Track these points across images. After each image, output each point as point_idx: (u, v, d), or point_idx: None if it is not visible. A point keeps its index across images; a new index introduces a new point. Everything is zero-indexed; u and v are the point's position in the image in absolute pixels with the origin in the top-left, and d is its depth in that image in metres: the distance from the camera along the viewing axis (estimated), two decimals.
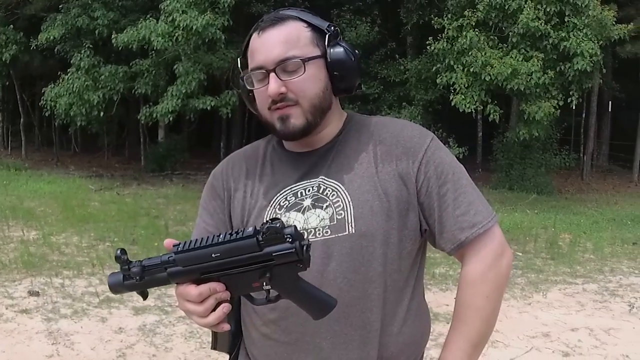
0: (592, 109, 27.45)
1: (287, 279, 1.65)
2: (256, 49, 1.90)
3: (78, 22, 20.79)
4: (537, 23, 17.22)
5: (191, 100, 19.28)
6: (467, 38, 17.60)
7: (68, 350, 6.12)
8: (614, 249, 11.82)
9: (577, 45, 17.15)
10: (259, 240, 1.59)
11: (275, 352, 1.95)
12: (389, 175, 1.91)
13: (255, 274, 1.64)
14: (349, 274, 1.84)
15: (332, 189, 1.92)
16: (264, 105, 1.92)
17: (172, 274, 1.70)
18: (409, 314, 1.96)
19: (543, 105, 17.32)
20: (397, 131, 1.98)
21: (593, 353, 6.47)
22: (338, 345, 1.87)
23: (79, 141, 29.87)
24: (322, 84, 1.92)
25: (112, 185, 19.71)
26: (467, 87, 17.71)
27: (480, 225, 1.89)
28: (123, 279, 1.78)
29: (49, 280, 8.38)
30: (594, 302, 8.32)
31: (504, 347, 6.52)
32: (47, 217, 13.22)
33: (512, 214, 15.50)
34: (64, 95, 19.93)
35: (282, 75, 1.86)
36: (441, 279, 9.00)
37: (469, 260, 1.93)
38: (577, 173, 26.46)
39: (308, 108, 1.89)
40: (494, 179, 21.91)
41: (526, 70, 16.93)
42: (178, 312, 7.16)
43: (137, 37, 18.50)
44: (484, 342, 1.96)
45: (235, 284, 1.67)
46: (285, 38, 1.88)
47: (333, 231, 1.85)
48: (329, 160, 1.97)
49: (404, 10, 22.51)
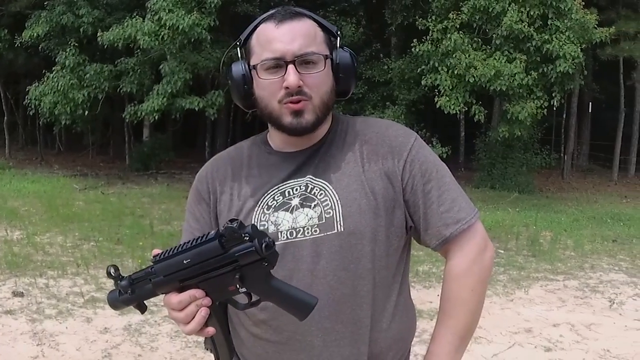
0: (573, 109, 27.72)
1: (259, 280, 1.67)
2: (274, 39, 1.87)
3: (63, 19, 20.49)
4: (520, 25, 17.29)
5: (177, 99, 19.11)
6: (452, 40, 17.65)
7: (53, 351, 6.05)
8: (594, 247, 11.91)
9: (559, 48, 17.29)
10: (222, 242, 1.61)
11: (266, 351, 1.96)
12: (376, 174, 1.93)
13: (227, 277, 1.66)
14: (339, 272, 1.86)
15: (320, 188, 1.93)
16: (273, 96, 1.90)
17: (156, 285, 1.74)
18: (397, 310, 1.99)
19: (527, 105, 17.40)
20: (382, 131, 2.01)
21: (574, 348, 6.54)
22: (329, 342, 1.89)
23: (63, 140, 29.54)
24: (331, 84, 1.94)
25: (96, 185, 19.45)
26: (452, 88, 17.74)
27: (464, 221, 1.94)
28: (119, 294, 1.83)
29: (34, 281, 8.27)
30: (575, 298, 8.41)
31: (487, 343, 6.57)
32: (31, 217, 13.06)
33: (494, 213, 15.62)
34: (49, 93, 19.63)
35: (300, 68, 1.86)
36: (425, 277, 9.03)
37: (453, 256, 1.97)
38: (558, 172, 26.69)
39: (319, 104, 1.91)
40: (477, 178, 22.05)
41: (509, 71, 16.99)
42: (163, 312, 7.03)
43: (123, 35, 18.32)
44: (470, 334, 2.01)
45: (214, 289, 1.70)
46: (306, 32, 1.89)
47: (322, 230, 1.87)
48: (317, 160, 1.98)
49: (388, 12, 22.57)
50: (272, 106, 1.91)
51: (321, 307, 1.83)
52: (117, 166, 25.32)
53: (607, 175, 27.86)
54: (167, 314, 6.34)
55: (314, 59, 1.88)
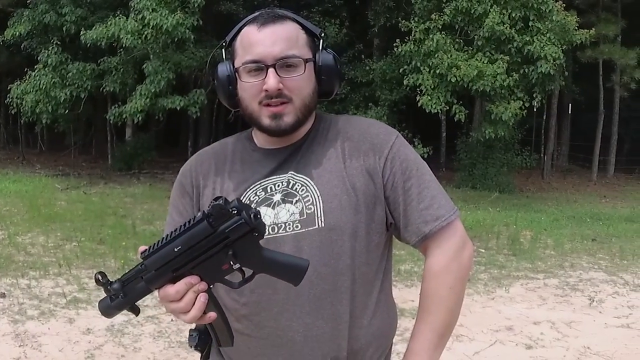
0: (553, 111, 27.94)
1: (251, 252, 1.68)
2: (256, 42, 1.90)
3: (45, 18, 20.34)
4: (502, 27, 17.38)
5: (160, 99, 18.99)
6: (434, 40, 17.72)
7: (35, 352, 5.97)
8: (573, 245, 12.01)
9: (540, 49, 17.43)
10: (210, 222, 1.62)
11: (248, 347, 1.97)
12: (357, 170, 1.94)
13: (220, 256, 1.67)
14: (320, 267, 1.86)
15: (302, 184, 1.94)
16: (253, 98, 1.92)
17: (148, 281, 1.72)
18: (378, 307, 2.00)
19: (510, 105, 17.49)
20: (364, 128, 2.03)
21: (555, 345, 6.60)
22: (310, 337, 1.89)
23: (45, 139, 29.28)
24: (312, 86, 1.96)
25: (79, 184, 19.21)
26: (433, 88, 17.79)
27: (443, 219, 1.95)
28: (110, 300, 1.80)
29: (15, 281, 8.16)
30: (555, 296, 8.48)
31: (469, 341, 6.61)
32: (12, 217, 12.89)
33: (475, 212, 15.72)
34: (31, 92, 19.52)
35: (280, 71, 1.88)
36: (406, 276, 9.05)
37: (432, 253, 1.98)
38: (538, 172, 26.81)
39: (300, 106, 1.92)
40: (457, 178, 22.12)
41: (491, 72, 17.07)
42: (146, 312, 7.04)
43: (106, 34, 18.22)
44: (449, 331, 2.01)
45: (208, 272, 1.70)
46: (287, 36, 1.91)
47: (303, 225, 1.88)
48: (298, 156, 2.00)
49: (371, 13, 22.61)
50: (252, 107, 1.94)
51: (302, 303, 1.87)
52: (100, 166, 25.11)
53: (587, 175, 28.04)
54: (159, 312, 6.31)
55: (294, 62, 1.90)
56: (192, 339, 2.08)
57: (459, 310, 2.03)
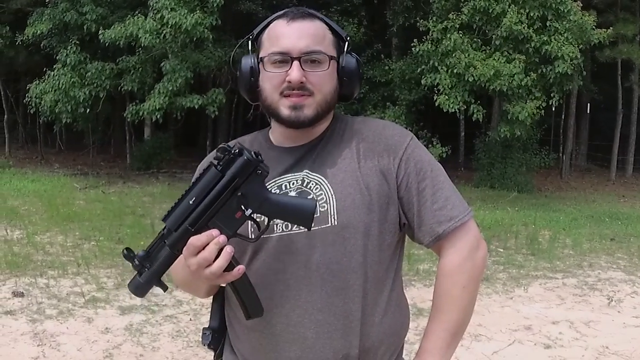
0: (571, 110, 27.81)
1: (258, 193, 1.75)
2: (283, 35, 1.93)
3: (66, 17, 20.26)
4: (520, 27, 17.32)
5: (178, 98, 18.97)
6: (451, 40, 17.69)
7: (54, 351, 5.98)
8: (592, 245, 11.97)
9: (558, 49, 17.34)
10: (217, 167, 1.73)
11: (260, 343, 1.98)
12: (371, 171, 1.96)
13: (232, 203, 1.74)
14: (332, 265, 1.89)
15: (316, 182, 1.95)
16: (275, 89, 1.95)
17: (171, 243, 1.76)
18: (390, 305, 2.01)
19: (527, 105, 17.43)
20: (379, 129, 2.05)
21: (574, 345, 6.59)
22: (322, 334, 1.91)
23: (64, 139, 29.21)
24: (334, 84, 1.99)
25: (97, 184, 19.26)
26: (451, 87, 17.74)
27: (457, 219, 1.97)
28: (139, 276, 1.81)
29: (34, 281, 8.16)
30: (574, 295, 8.47)
31: (487, 341, 6.62)
32: (31, 216, 12.90)
33: (494, 212, 15.68)
34: (50, 91, 19.44)
35: (305, 65, 1.91)
36: (425, 275, 8.98)
37: (446, 253, 2.00)
38: (557, 172, 26.76)
39: (320, 101, 1.95)
40: (476, 178, 22.10)
41: (508, 71, 17.01)
42: (165, 311, 7.12)
43: (125, 33, 18.19)
44: (462, 331, 2.03)
45: (224, 222, 1.74)
46: (314, 32, 1.95)
47: (316, 223, 1.87)
48: (314, 155, 2.01)
49: (390, 13, 22.60)
50: (273, 98, 1.96)
51: (314, 299, 1.89)
52: (118, 165, 25.11)
53: (605, 175, 27.94)
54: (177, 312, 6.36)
55: (319, 58, 1.94)
56: (206, 337, 2.11)
57: (472, 309, 2.05)
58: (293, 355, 1.94)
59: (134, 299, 7.56)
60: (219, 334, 2.12)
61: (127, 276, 8.46)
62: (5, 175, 19.82)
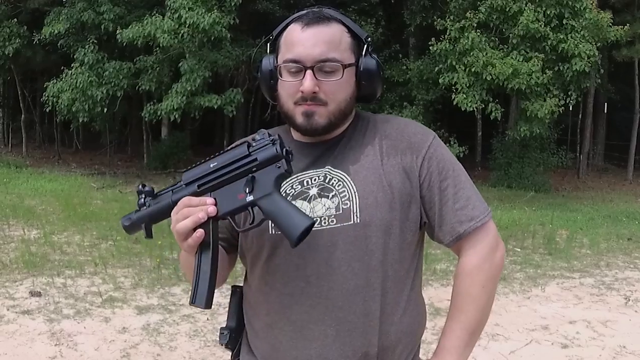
0: (589, 110, 27.74)
1: (267, 185, 1.74)
2: (297, 42, 1.92)
3: (84, 16, 20.29)
4: (536, 25, 17.32)
5: (196, 97, 18.99)
6: (469, 39, 17.68)
7: (71, 351, 5.97)
8: (609, 245, 11.94)
9: (575, 47, 17.33)
10: (248, 148, 1.77)
11: (280, 341, 1.97)
12: (394, 168, 1.95)
13: (241, 182, 1.77)
14: (353, 262, 1.88)
15: (338, 179, 1.95)
16: (290, 97, 1.94)
17: (175, 191, 1.84)
18: (409, 304, 2.00)
19: (546, 103, 17.40)
20: (401, 127, 2.04)
21: (591, 344, 6.57)
22: (342, 332, 1.90)
23: (80, 138, 29.20)
24: (350, 90, 1.97)
25: (114, 183, 19.30)
26: (469, 86, 17.74)
27: (477, 219, 1.97)
28: (135, 211, 1.89)
29: (51, 280, 8.13)
30: (591, 295, 8.44)
31: (504, 340, 6.61)
32: (48, 216, 12.88)
33: (511, 211, 15.64)
34: (67, 90, 19.45)
35: (318, 74, 1.89)
36: (442, 275, 8.97)
37: (466, 253, 2.00)
38: (574, 172, 26.70)
39: (334, 110, 1.94)
40: (493, 177, 22.08)
41: (526, 70, 17.00)
42: (182, 311, 7.12)
43: (143, 33, 18.25)
44: (480, 329, 2.04)
45: (224, 197, 1.78)
46: (329, 38, 1.91)
47: (338, 220, 1.89)
48: (336, 152, 2.01)
49: (407, 12, 22.57)
50: (288, 106, 1.96)
51: (334, 297, 1.88)
52: (135, 165, 25.08)
53: (622, 174, 27.83)
54: (195, 312, 6.37)
55: (332, 67, 1.91)
56: (223, 337, 2.12)
57: (489, 309, 2.05)
58: (313, 352, 1.93)
59: (151, 298, 7.61)
60: (236, 333, 2.13)
61: (145, 276, 8.53)
62: (23, 175, 19.84)
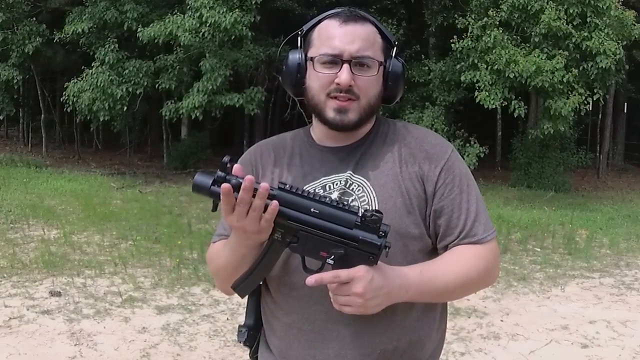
0: (608, 109, 27.62)
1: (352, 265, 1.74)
2: (335, 36, 1.96)
3: (106, 15, 20.29)
4: (559, 23, 17.25)
5: (217, 96, 18.96)
6: (491, 37, 17.61)
7: (91, 351, 6.02)
8: (629, 244, 11.92)
9: (599, 45, 17.25)
10: (357, 221, 1.72)
11: (298, 340, 2.01)
12: (412, 176, 2.01)
13: (331, 245, 1.74)
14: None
15: (358, 184, 2.00)
16: (322, 89, 1.98)
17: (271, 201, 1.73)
18: (426, 308, 2.04)
19: (570, 100, 17.31)
20: (421, 137, 2.10)
21: (611, 344, 6.57)
22: (360, 331, 1.94)
23: (100, 138, 29.17)
24: (380, 88, 2.03)
25: (134, 183, 19.20)
26: (491, 84, 17.69)
27: (481, 236, 2.00)
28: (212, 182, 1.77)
29: (71, 280, 8.22)
30: (611, 295, 8.44)
31: (524, 340, 6.64)
32: (68, 216, 12.97)
33: (531, 211, 15.63)
34: (87, 89, 19.44)
35: (354, 69, 1.95)
36: None
37: None
38: (594, 171, 26.54)
39: (365, 106, 1.99)
40: (513, 177, 21.98)
41: (550, 67, 16.95)
42: (202, 311, 7.18)
43: (164, 32, 18.29)
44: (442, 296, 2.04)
45: (309, 243, 1.76)
46: (366, 37, 1.98)
47: None
48: (357, 157, 2.05)
49: (428, 12, 22.49)
50: (319, 98, 2.00)
51: None
52: (155, 164, 25.10)
53: None
54: (214, 312, 6.46)
55: (368, 63, 1.97)
56: (241, 334, 2.15)
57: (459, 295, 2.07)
58: (331, 352, 1.97)
59: (171, 298, 7.66)
60: (254, 331, 2.17)
61: (164, 276, 8.59)
62: (42, 174, 19.82)
